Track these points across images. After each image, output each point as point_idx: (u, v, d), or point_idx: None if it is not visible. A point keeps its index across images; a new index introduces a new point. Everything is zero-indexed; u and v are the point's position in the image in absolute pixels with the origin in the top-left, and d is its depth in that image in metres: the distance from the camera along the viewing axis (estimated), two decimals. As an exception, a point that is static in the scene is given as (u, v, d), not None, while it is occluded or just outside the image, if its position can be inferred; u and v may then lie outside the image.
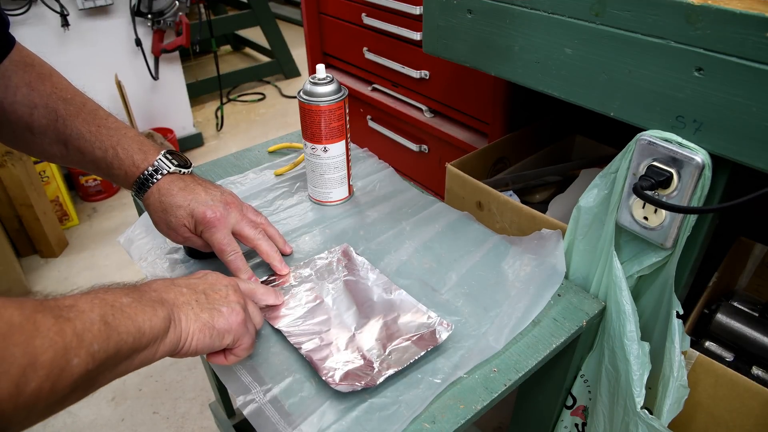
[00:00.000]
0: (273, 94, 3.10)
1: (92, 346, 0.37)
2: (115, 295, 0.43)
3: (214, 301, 0.51)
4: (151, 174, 0.62)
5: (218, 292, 0.52)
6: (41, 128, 0.61)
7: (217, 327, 0.49)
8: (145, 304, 0.44)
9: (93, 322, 0.38)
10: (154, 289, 0.48)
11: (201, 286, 0.52)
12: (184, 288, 0.50)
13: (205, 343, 0.49)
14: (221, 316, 0.50)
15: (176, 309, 0.47)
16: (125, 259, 1.82)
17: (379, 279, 0.66)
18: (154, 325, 0.44)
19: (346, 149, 0.78)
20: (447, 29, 0.73)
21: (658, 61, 0.52)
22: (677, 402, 0.63)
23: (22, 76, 0.61)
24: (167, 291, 0.49)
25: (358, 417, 0.51)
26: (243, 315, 0.52)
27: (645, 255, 0.62)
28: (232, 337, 0.51)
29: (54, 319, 0.36)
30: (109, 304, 0.41)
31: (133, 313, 0.42)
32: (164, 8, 2.10)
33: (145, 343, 0.43)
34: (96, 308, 0.40)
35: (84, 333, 0.37)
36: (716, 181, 0.55)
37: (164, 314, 0.45)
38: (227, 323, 0.50)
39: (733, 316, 0.74)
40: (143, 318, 0.43)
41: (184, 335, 0.47)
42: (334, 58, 1.40)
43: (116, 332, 0.40)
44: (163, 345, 0.45)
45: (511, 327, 0.60)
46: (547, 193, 0.99)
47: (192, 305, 0.49)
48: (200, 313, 0.49)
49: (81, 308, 0.39)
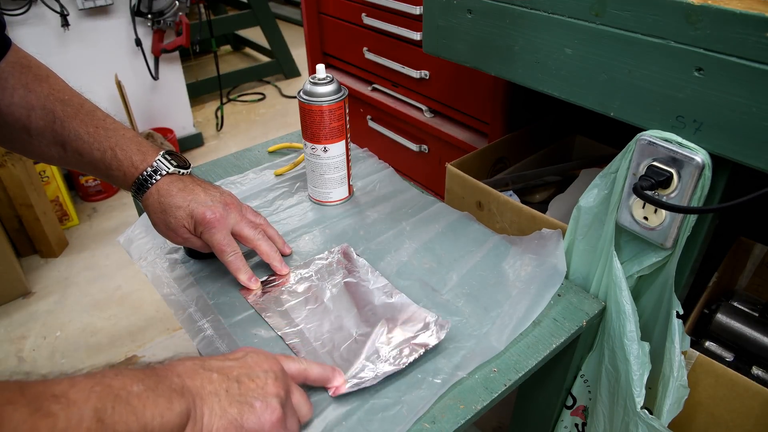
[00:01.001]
0: (273, 94, 3.10)
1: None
2: (125, 381, 0.36)
3: (248, 393, 0.43)
4: (150, 175, 0.62)
5: (255, 380, 0.44)
6: (39, 130, 0.61)
7: (246, 426, 0.42)
8: (160, 393, 0.37)
9: (82, 420, 0.32)
10: (177, 373, 0.41)
11: (236, 372, 0.44)
12: (215, 374, 0.43)
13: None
14: (253, 412, 0.42)
15: (199, 401, 0.40)
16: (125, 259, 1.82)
17: (380, 281, 0.66)
18: (166, 423, 0.37)
19: (346, 149, 0.78)
20: (447, 29, 0.73)
21: (658, 61, 0.52)
22: (677, 402, 0.63)
23: (19, 77, 0.61)
24: (193, 377, 0.41)
25: (360, 418, 0.51)
26: (280, 413, 0.44)
27: (645, 255, 0.62)
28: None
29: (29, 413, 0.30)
30: (113, 394, 0.35)
31: (141, 406, 0.36)
32: (164, 8, 2.10)
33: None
34: (92, 399, 0.33)
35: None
36: (716, 181, 0.55)
37: (182, 408, 0.38)
38: (258, 422, 0.42)
39: (733, 316, 0.74)
40: (153, 412, 0.36)
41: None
42: (334, 58, 1.40)
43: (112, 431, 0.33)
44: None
45: (512, 327, 0.60)
46: (547, 193, 0.99)
47: (220, 397, 0.42)
48: (228, 407, 0.41)
49: (72, 398, 0.32)
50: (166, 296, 0.66)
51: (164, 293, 0.66)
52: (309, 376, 0.51)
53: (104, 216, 2.08)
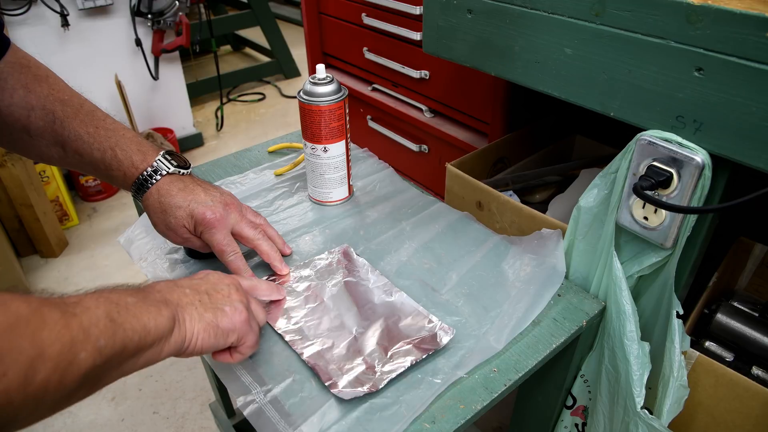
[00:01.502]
0: (273, 94, 3.10)
1: (99, 342, 0.38)
2: (120, 295, 0.43)
3: (217, 301, 0.51)
4: (150, 175, 0.62)
5: (221, 291, 0.53)
6: (38, 130, 0.61)
7: (221, 326, 0.50)
8: (150, 303, 0.45)
9: (99, 319, 0.38)
10: (157, 290, 0.48)
11: (203, 287, 0.52)
12: (187, 289, 0.51)
13: (210, 343, 0.49)
14: (225, 315, 0.50)
15: (180, 309, 0.48)
16: (125, 259, 1.82)
17: (380, 280, 0.66)
18: (159, 324, 0.44)
19: (346, 149, 0.78)
20: (447, 29, 0.73)
21: (658, 61, 0.52)
22: (677, 402, 0.63)
23: (19, 77, 0.60)
24: (171, 292, 0.49)
25: (359, 417, 0.51)
26: (246, 313, 0.52)
27: (645, 255, 0.62)
28: (237, 335, 0.51)
29: (60, 313, 0.36)
30: (114, 303, 0.41)
31: (138, 311, 0.43)
32: (164, 8, 2.10)
33: (150, 342, 0.43)
34: (101, 305, 0.40)
35: (90, 328, 0.37)
36: (716, 181, 0.55)
37: (169, 314, 0.45)
38: (231, 322, 0.51)
39: (733, 316, 0.74)
40: (148, 317, 0.43)
41: (188, 335, 0.47)
42: (334, 58, 1.40)
43: (122, 329, 0.40)
44: (168, 344, 0.45)
45: (511, 327, 0.60)
46: (547, 193, 0.99)
47: (195, 305, 0.49)
48: (204, 313, 0.49)
49: (87, 305, 0.39)
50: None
51: (164, 293, 0.66)
52: (259, 288, 0.60)
53: (104, 216, 2.09)
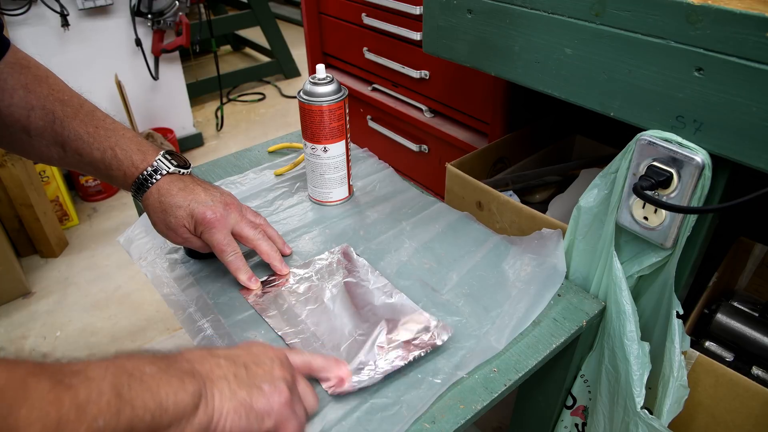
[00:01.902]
0: (273, 94, 3.10)
1: (96, 422, 0.32)
2: (138, 363, 0.38)
3: (256, 377, 0.44)
4: (150, 174, 0.62)
5: (262, 366, 0.46)
6: (38, 130, 0.61)
7: (256, 407, 0.43)
8: (172, 375, 0.39)
9: (102, 393, 0.33)
10: (187, 359, 0.43)
11: (243, 359, 0.46)
12: (223, 360, 0.44)
13: (241, 427, 0.42)
14: (262, 394, 0.44)
15: (210, 384, 0.41)
16: (125, 259, 1.82)
17: (380, 281, 0.66)
18: (180, 401, 0.38)
19: (346, 149, 0.78)
20: (447, 29, 0.73)
21: (658, 61, 0.52)
22: (677, 402, 0.63)
23: (18, 78, 0.60)
24: (202, 362, 0.43)
25: (360, 417, 0.51)
26: (288, 395, 0.45)
27: (645, 255, 0.62)
28: (273, 421, 0.44)
29: (51, 385, 0.31)
30: (128, 373, 0.36)
31: (155, 385, 0.37)
32: (164, 8, 2.10)
33: (167, 423, 0.37)
34: (109, 376, 0.34)
35: (88, 405, 0.32)
36: (716, 181, 0.55)
37: (194, 389, 0.39)
38: (267, 404, 0.43)
39: (733, 316, 0.74)
40: (167, 391, 0.37)
41: (216, 416, 0.41)
42: (334, 58, 1.40)
43: (130, 407, 0.34)
44: (191, 426, 0.39)
45: (512, 327, 0.60)
46: (547, 193, 0.99)
47: (229, 380, 0.43)
48: (237, 390, 0.43)
49: (90, 375, 0.34)
50: (166, 296, 0.66)
51: (164, 293, 0.66)
52: (313, 365, 0.51)
53: (104, 216, 2.08)
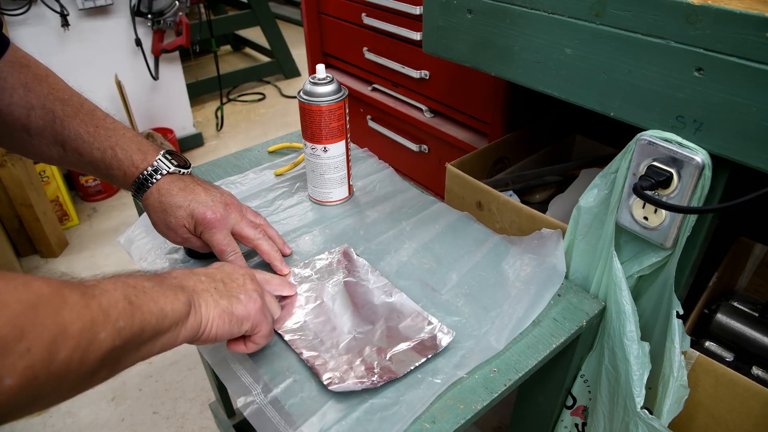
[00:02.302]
0: (273, 94, 3.10)
1: (118, 323, 0.38)
2: (137, 280, 0.44)
3: (232, 289, 0.52)
4: (151, 174, 0.62)
5: (236, 280, 0.53)
6: (38, 129, 0.61)
7: (236, 313, 0.50)
8: (167, 288, 0.45)
9: (117, 301, 0.39)
10: (173, 276, 0.49)
11: (219, 275, 0.53)
12: (203, 276, 0.52)
13: (225, 329, 0.49)
14: (239, 303, 0.51)
15: (196, 295, 0.48)
16: (125, 259, 1.82)
17: (380, 281, 0.66)
18: (176, 309, 0.44)
19: (346, 149, 0.78)
20: (447, 29, 0.73)
21: (658, 61, 0.52)
22: (677, 402, 0.63)
23: (18, 77, 0.60)
24: (187, 279, 0.50)
25: (359, 418, 0.51)
26: (260, 302, 0.53)
27: (645, 255, 0.62)
28: (251, 323, 0.52)
29: (80, 294, 0.37)
30: (132, 286, 0.42)
31: (155, 295, 0.43)
32: (164, 8, 2.10)
33: (167, 326, 0.44)
34: (119, 288, 0.40)
35: (109, 309, 0.38)
36: (716, 181, 0.55)
37: (185, 299, 0.46)
38: (245, 310, 0.51)
39: (733, 316, 0.74)
40: (165, 301, 0.44)
41: (204, 321, 0.48)
42: (334, 58, 1.40)
43: (140, 311, 0.41)
44: (185, 329, 0.46)
45: (511, 327, 0.60)
46: (547, 193, 0.99)
47: (211, 292, 0.50)
48: (219, 299, 0.50)
49: (105, 287, 0.39)
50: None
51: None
52: (272, 282, 0.61)
53: (104, 216, 2.09)
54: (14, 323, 0.31)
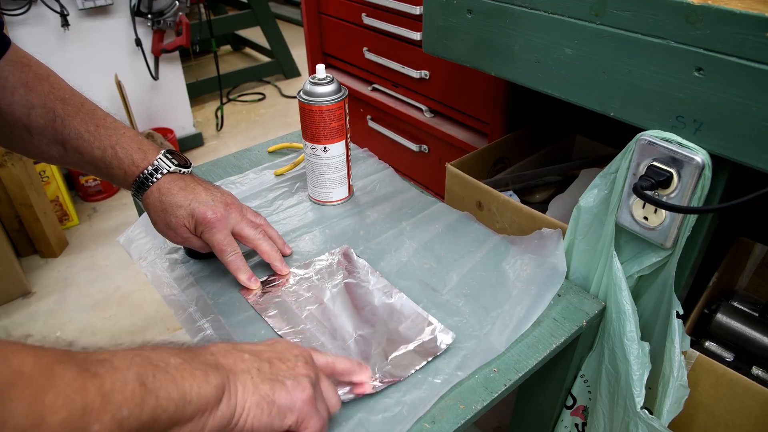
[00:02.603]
0: (273, 94, 3.10)
1: (120, 411, 0.32)
2: (162, 354, 0.38)
3: (279, 372, 0.44)
4: (151, 173, 0.62)
5: (286, 362, 0.46)
6: (39, 129, 0.61)
7: (278, 402, 0.43)
8: (196, 367, 0.39)
9: (126, 382, 0.33)
10: (211, 352, 0.43)
11: (267, 354, 0.46)
12: (247, 354, 0.45)
13: (263, 422, 0.42)
14: (284, 390, 0.43)
15: (233, 377, 0.41)
16: (125, 259, 1.82)
17: (380, 282, 0.66)
18: (203, 393, 0.38)
19: (346, 149, 0.78)
20: (447, 29, 0.73)
21: (658, 61, 0.52)
22: (677, 402, 0.63)
23: (19, 76, 0.60)
24: (226, 356, 0.43)
25: (361, 418, 0.51)
26: (311, 391, 0.45)
27: (645, 255, 0.62)
28: (296, 417, 0.44)
29: (77, 372, 0.31)
30: (152, 364, 0.36)
31: (179, 376, 0.37)
32: (164, 8, 2.10)
33: (189, 414, 0.37)
34: (134, 366, 0.35)
35: (112, 393, 0.32)
36: (716, 181, 0.55)
37: (217, 382, 0.39)
38: (290, 400, 0.43)
39: (733, 316, 0.74)
40: (191, 383, 0.37)
41: (238, 409, 0.41)
42: (334, 58, 1.40)
43: (153, 397, 0.34)
44: (213, 419, 0.39)
45: (512, 328, 0.60)
46: (547, 193, 0.99)
47: (252, 374, 0.43)
48: (260, 384, 0.43)
49: (115, 364, 0.34)
50: (166, 296, 0.66)
51: (164, 293, 0.66)
52: (336, 367, 0.51)
53: (104, 216, 2.08)
54: None
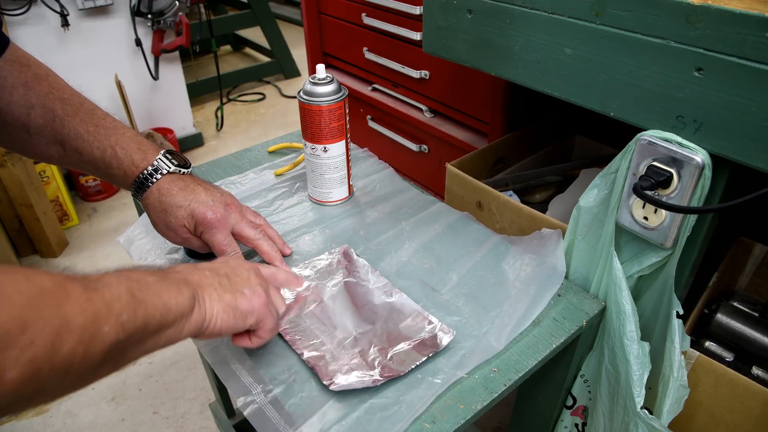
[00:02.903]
0: (273, 94, 3.10)
1: (121, 316, 0.38)
2: (141, 274, 0.44)
3: (237, 284, 0.52)
4: (151, 173, 0.62)
5: (240, 275, 0.53)
6: (38, 128, 0.61)
7: (240, 307, 0.50)
8: (170, 283, 0.45)
9: (121, 294, 0.39)
10: (177, 271, 0.49)
11: (223, 270, 0.53)
12: (207, 271, 0.51)
13: (229, 324, 0.49)
14: (243, 297, 0.51)
15: (200, 290, 0.48)
16: (125, 259, 1.82)
17: (380, 281, 0.66)
18: (180, 303, 0.44)
19: (346, 149, 0.78)
20: (447, 29, 0.73)
21: (658, 61, 0.52)
22: (677, 402, 0.63)
23: (18, 76, 0.60)
24: (191, 273, 0.50)
25: (359, 417, 0.51)
26: (265, 297, 0.53)
27: (645, 255, 0.62)
28: (255, 318, 0.52)
29: (83, 288, 0.37)
30: (135, 280, 0.42)
31: (159, 289, 0.43)
32: (164, 8, 2.10)
33: (171, 320, 0.44)
34: (123, 282, 0.40)
35: (113, 303, 0.38)
36: (716, 181, 0.55)
37: (189, 293, 0.46)
38: (250, 304, 0.51)
39: (733, 316, 0.74)
40: (169, 295, 0.44)
41: (208, 315, 0.48)
42: (334, 58, 1.40)
43: (143, 306, 0.40)
44: (189, 324, 0.46)
45: (511, 327, 0.60)
46: (547, 193, 0.99)
47: (215, 287, 0.50)
48: (223, 294, 0.50)
49: (108, 281, 0.39)
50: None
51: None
52: (278, 277, 0.61)
53: (104, 216, 2.09)
54: (17, 316, 0.31)
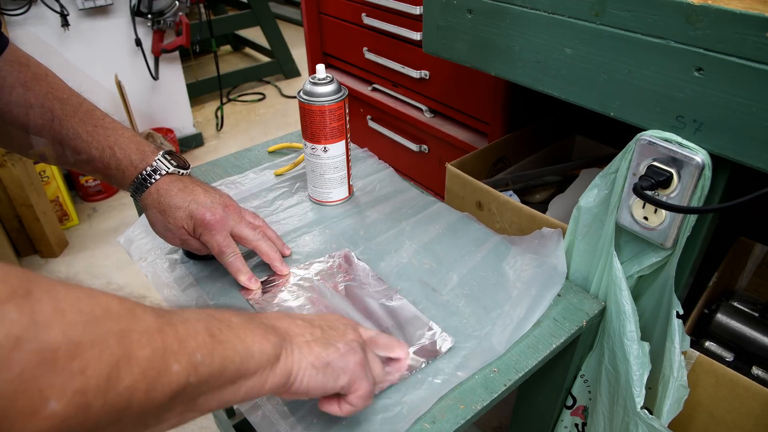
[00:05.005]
0: (273, 94, 3.10)
1: (195, 356, 0.34)
2: (224, 314, 0.40)
3: (331, 337, 0.46)
4: (150, 174, 0.62)
5: (336, 329, 0.48)
6: (37, 128, 0.61)
7: (332, 364, 0.44)
8: (256, 326, 0.41)
9: (198, 332, 0.35)
10: (266, 316, 0.45)
11: (317, 322, 0.48)
12: (299, 320, 0.47)
13: (318, 381, 0.44)
14: (337, 352, 0.45)
15: (289, 338, 0.43)
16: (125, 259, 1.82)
17: (380, 285, 0.66)
18: (264, 350, 0.40)
19: (346, 149, 0.78)
20: (447, 29, 0.73)
21: (658, 61, 0.52)
22: (677, 402, 0.63)
23: (17, 76, 0.60)
24: (280, 320, 0.45)
25: (360, 418, 0.51)
26: (362, 355, 0.47)
27: (645, 255, 0.62)
28: (348, 378, 0.45)
29: (155, 317, 0.33)
30: (217, 319, 0.38)
31: (242, 333, 0.39)
32: (164, 8, 2.10)
33: (252, 369, 0.39)
34: (202, 320, 0.37)
35: (187, 340, 0.34)
36: (716, 181, 0.55)
37: (276, 341, 0.41)
38: (343, 362, 0.45)
39: (733, 316, 0.74)
40: (253, 340, 0.39)
41: (295, 369, 0.42)
42: (334, 58, 1.40)
43: (222, 347, 0.36)
44: (273, 375, 0.41)
45: (512, 328, 0.60)
46: (547, 193, 0.99)
47: (306, 337, 0.45)
48: (315, 346, 0.44)
49: (186, 316, 0.36)
50: (167, 297, 0.66)
51: (164, 294, 0.66)
52: (378, 341, 0.53)
53: (104, 216, 2.09)
54: (70, 336, 0.27)
